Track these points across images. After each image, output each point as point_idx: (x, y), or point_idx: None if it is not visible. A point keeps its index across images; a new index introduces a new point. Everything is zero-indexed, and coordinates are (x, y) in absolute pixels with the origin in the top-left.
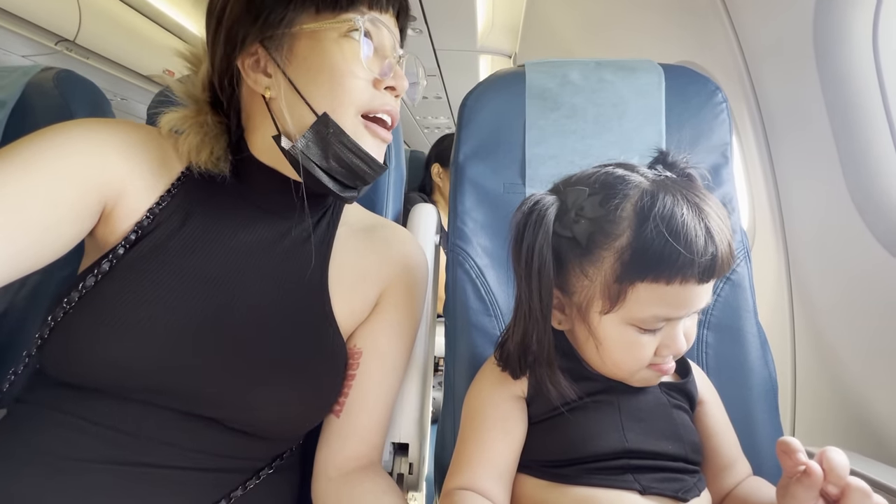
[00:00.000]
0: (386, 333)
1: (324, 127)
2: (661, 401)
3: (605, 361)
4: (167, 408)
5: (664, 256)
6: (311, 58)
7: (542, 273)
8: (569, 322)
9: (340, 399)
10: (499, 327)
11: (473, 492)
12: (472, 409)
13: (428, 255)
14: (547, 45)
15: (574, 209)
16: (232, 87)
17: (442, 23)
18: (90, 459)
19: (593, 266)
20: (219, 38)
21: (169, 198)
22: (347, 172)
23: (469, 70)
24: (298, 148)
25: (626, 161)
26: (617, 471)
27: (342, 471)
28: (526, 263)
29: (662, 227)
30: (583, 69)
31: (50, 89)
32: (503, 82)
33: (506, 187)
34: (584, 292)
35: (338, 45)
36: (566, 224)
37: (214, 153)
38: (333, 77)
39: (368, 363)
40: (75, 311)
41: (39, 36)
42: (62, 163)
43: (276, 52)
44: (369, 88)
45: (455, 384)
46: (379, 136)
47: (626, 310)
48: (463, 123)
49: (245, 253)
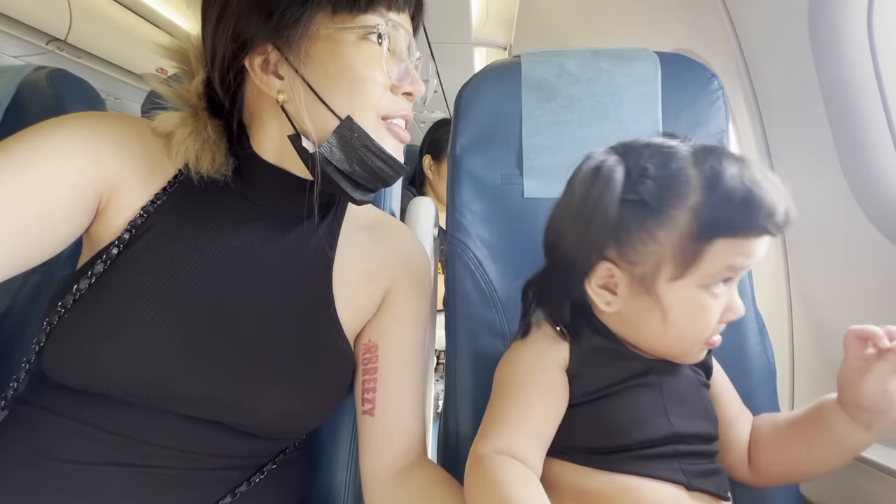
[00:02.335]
0: (398, 324)
1: (348, 131)
2: (692, 380)
3: (668, 334)
4: (169, 412)
5: (746, 209)
6: (328, 61)
7: (602, 228)
8: (620, 301)
9: (369, 396)
10: (499, 319)
11: (511, 457)
12: (514, 372)
13: (427, 249)
14: (542, 36)
15: (637, 171)
16: (234, 84)
17: (436, 15)
18: (92, 462)
19: (664, 228)
20: (221, 33)
21: (164, 196)
22: (370, 176)
23: (464, 63)
24: (322, 153)
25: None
26: (664, 458)
27: (393, 471)
28: (588, 218)
29: (740, 181)
30: (579, 58)
31: (43, 88)
32: (499, 73)
33: (503, 178)
34: (650, 259)
35: (357, 49)
36: (631, 187)
37: (216, 160)
38: (353, 83)
39: (387, 354)
40: (71, 315)
41: (30, 36)
42: (55, 159)
43: (290, 54)
44: (387, 94)
45: (456, 377)
46: (400, 136)
47: (700, 271)
48: (459, 115)
49: (245, 253)
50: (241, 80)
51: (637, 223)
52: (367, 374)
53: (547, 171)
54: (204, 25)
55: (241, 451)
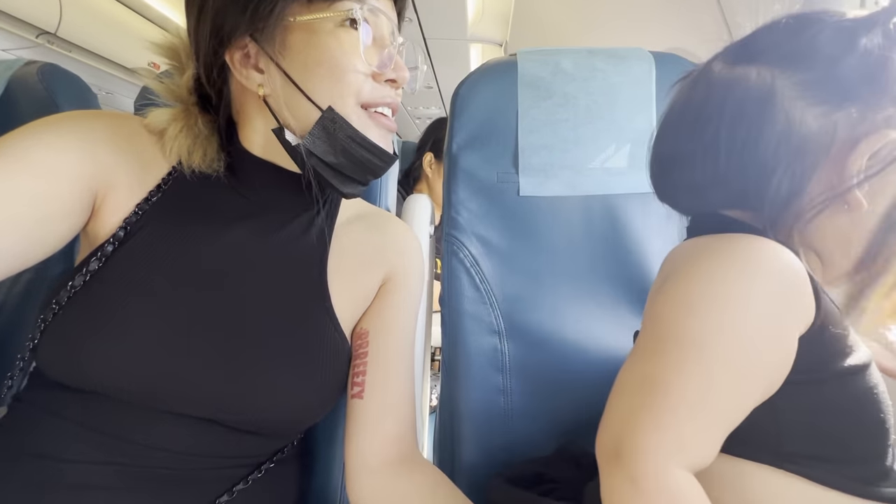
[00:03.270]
0: (390, 310)
1: (330, 122)
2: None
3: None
4: (166, 412)
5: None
6: (306, 51)
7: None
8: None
9: (358, 380)
10: (494, 316)
11: (698, 482)
12: (729, 328)
13: (423, 245)
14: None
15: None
16: (220, 80)
17: (432, 11)
18: (89, 461)
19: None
20: (202, 29)
21: (158, 193)
22: (357, 167)
23: (460, 59)
24: (305, 146)
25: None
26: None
27: (385, 459)
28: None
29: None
30: (575, 57)
31: (34, 83)
32: (495, 71)
33: (499, 176)
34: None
35: (335, 37)
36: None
37: (208, 155)
38: (332, 71)
39: (378, 340)
40: (65, 312)
41: (20, 29)
42: (50, 157)
43: (268, 46)
44: (369, 81)
45: (452, 374)
46: (385, 125)
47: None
48: (455, 113)
49: (240, 249)
50: (225, 75)
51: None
52: (357, 358)
53: (542, 169)
54: (188, 21)
55: (239, 451)
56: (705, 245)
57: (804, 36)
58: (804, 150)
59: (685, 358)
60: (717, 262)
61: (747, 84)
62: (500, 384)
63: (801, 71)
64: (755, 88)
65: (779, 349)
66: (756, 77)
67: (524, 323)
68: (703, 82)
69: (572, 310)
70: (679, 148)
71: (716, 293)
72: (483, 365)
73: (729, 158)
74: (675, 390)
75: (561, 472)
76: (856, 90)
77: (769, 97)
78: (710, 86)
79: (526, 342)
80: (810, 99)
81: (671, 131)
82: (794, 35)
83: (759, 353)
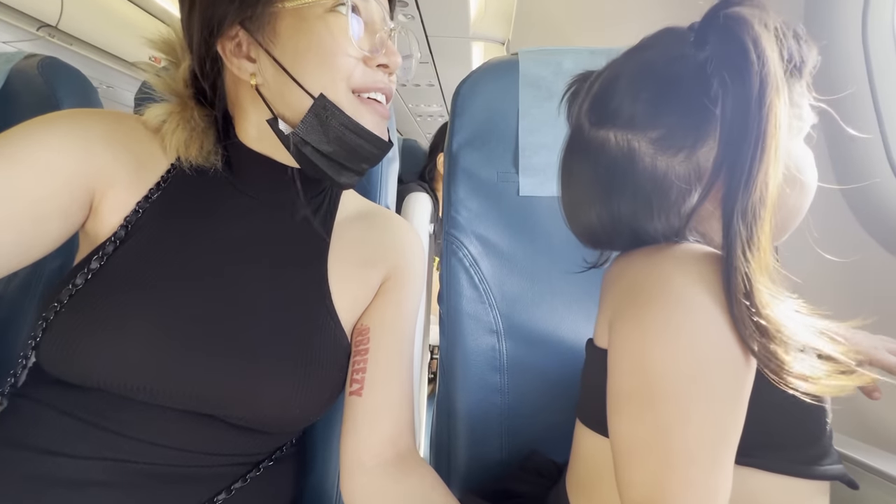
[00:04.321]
0: (392, 309)
1: (322, 109)
2: None
3: (804, 206)
4: (167, 408)
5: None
6: (296, 37)
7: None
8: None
9: (358, 377)
10: (493, 315)
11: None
12: (689, 374)
13: (423, 243)
14: (540, 31)
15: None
16: (214, 72)
17: (434, 9)
18: (88, 457)
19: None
20: (194, 20)
21: (158, 191)
22: (350, 155)
23: (462, 57)
24: (298, 134)
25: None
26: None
27: (380, 458)
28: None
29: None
30: (576, 57)
31: (34, 76)
32: (497, 71)
33: (499, 176)
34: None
35: (324, 22)
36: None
37: (204, 148)
38: (323, 58)
39: (378, 338)
40: (67, 310)
41: (20, 21)
42: (47, 156)
43: (258, 34)
44: (360, 66)
45: (450, 372)
46: (378, 111)
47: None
48: (456, 112)
49: (240, 246)
50: (219, 67)
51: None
52: (357, 355)
53: (542, 169)
54: (181, 14)
55: (239, 448)
56: (648, 272)
57: (640, 99)
58: (682, 190)
59: (686, 406)
60: (669, 290)
61: (610, 148)
62: (497, 383)
63: (649, 130)
64: (617, 152)
65: (746, 350)
66: (615, 142)
67: (523, 322)
68: (578, 142)
69: (571, 310)
70: (576, 200)
71: (684, 325)
72: (481, 364)
73: (615, 213)
74: (692, 439)
75: (526, 485)
76: (703, 128)
77: (631, 159)
78: (585, 147)
79: (524, 342)
80: (669, 151)
81: (567, 184)
82: (632, 100)
83: (744, 364)
